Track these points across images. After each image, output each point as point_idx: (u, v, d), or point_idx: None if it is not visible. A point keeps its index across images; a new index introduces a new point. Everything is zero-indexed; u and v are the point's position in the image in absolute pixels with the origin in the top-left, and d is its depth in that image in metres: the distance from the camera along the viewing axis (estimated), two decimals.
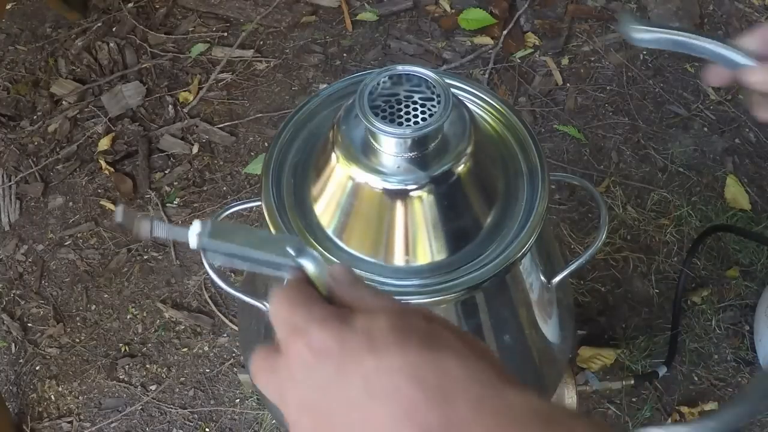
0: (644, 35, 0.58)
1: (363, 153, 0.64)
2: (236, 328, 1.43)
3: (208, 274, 1.11)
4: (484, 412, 0.32)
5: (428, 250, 0.66)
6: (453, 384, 0.33)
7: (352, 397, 0.34)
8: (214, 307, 1.47)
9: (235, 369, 1.40)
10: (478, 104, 0.75)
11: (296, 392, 0.36)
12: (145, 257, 1.54)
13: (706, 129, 1.66)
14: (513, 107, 0.74)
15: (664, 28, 0.58)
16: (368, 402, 0.33)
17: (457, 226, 0.66)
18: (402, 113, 0.64)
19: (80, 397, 1.40)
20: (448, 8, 1.86)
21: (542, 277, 0.77)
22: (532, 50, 1.78)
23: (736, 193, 1.55)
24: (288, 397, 0.37)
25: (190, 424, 1.36)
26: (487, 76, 1.74)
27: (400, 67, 0.64)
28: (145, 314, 1.48)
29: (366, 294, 0.39)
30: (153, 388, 1.40)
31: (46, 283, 1.53)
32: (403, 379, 0.33)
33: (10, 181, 1.65)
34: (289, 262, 0.38)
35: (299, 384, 0.36)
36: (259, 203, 0.70)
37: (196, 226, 0.39)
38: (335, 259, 0.65)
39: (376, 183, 0.63)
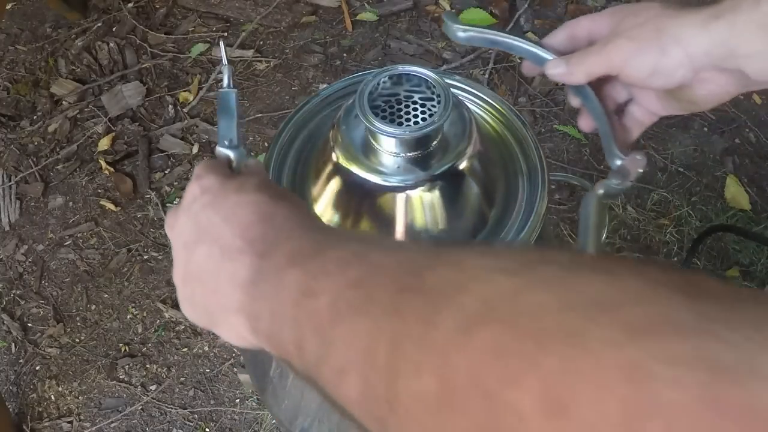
0: (463, 34, 0.65)
1: (363, 153, 0.63)
2: None
3: None
4: (288, 227, 0.44)
5: None
6: (280, 214, 0.45)
7: (213, 221, 0.46)
8: None
9: (235, 369, 1.40)
10: (479, 104, 0.74)
11: (181, 217, 0.49)
12: (145, 257, 1.54)
13: (706, 129, 1.66)
14: (513, 107, 0.74)
15: (481, 29, 0.66)
16: (222, 224, 0.45)
17: (457, 225, 0.66)
18: (402, 113, 0.64)
19: (80, 397, 1.40)
20: (448, 8, 1.86)
21: None
22: None
23: (736, 193, 1.55)
24: (176, 225, 0.49)
25: (190, 424, 1.36)
26: (487, 76, 1.74)
27: (400, 67, 0.64)
28: (145, 314, 1.48)
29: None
30: (153, 388, 1.40)
31: (46, 283, 1.53)
32: (249, 210, 0.45)
33: (10, 181, 1.65)
34: (223, 149, 0.54)
35: (185, 211, 0.48)
36: None
37: (224, 83, 0.57)
38: None
39: (376, 183, 0.63)
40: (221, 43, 0.58)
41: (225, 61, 0.57)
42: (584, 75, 0.61)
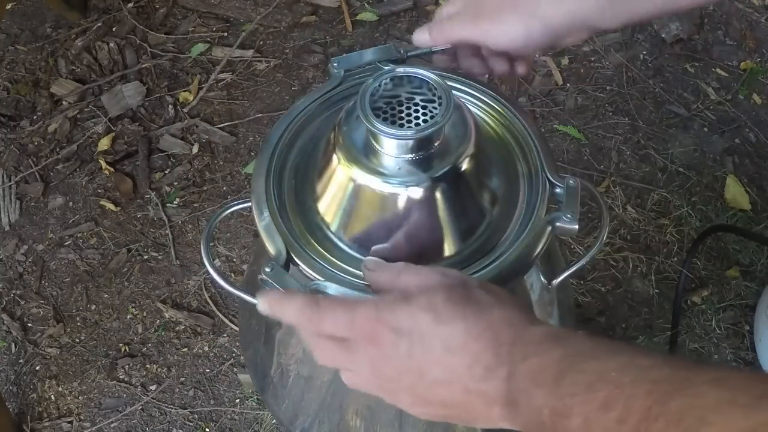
0: None
1: (364, 154, 0.63)
2: (236, 328, 1.43)
3: (208, 274, 1.12)
4: (518, 344, 0.48)
5: (429, 252, 0.66)
6: (498, 332, 0.49)
7: (435, 355, 0.49)
8: (214, 307, 1.47)
9: (235, 369, 1.40)
10: (480, 106, 0.75)
11: (391, 363, 0.51)
12: (145, 257, 1.54)
13: (706, 129, 1.66)
14: (519, 107, 0.74)
15: None
16: (448, 357, 0.49)
17: (457, 227, 0.66)
18: (403, 115, 0.64)
19: (80, 397, 1.40)
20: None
21: (542, 278, 0.77)
22: None
23: (736, 193, 1.55)
24: (385, 371, 0.52)
25: (190, 424, 1.36)
26: (487, 76, 1.74)
27: (401, 69, 0.64)
28: (145, 314, 1.48)
29: (405, 276, 0.55)
30: (153, 388, 1.40)
31: (46, 283, 1.53)
32: (469, 339, 0.49)
33: (10, 181, 1.65)
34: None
35: (392, 357, 0.51)
36: None
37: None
38: (336, 260, 0.65)
39: (377, 184, 0.63)
40: None
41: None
42: (444, 40, 0.73)
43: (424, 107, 0.64)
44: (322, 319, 0.54)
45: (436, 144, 0.63)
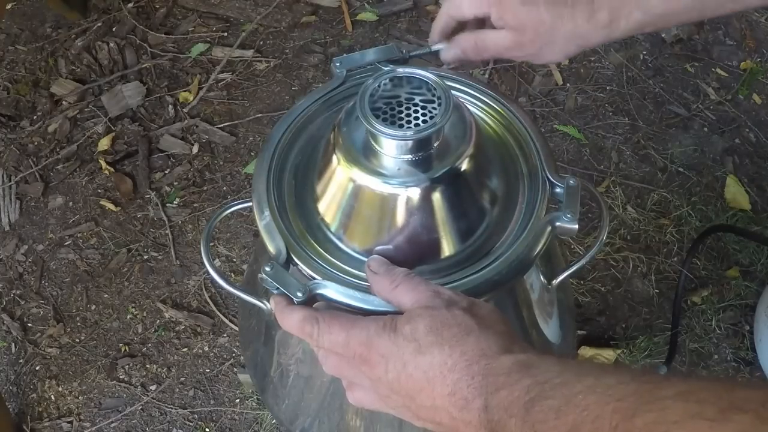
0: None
1: (364, 155, 0.64)
2: (236, 328, 1.43)
3: (208, 274, 1.12)
4: (489, 376, 0.50)
5: (429, 252, 0.66)
6: (471, 363, 0.51)
7: (419, 383, 0.52)
8: (214, 307, 1.47)
9: (235, 369, 1.40)
10: (479, 106, 0.75)
11: (383, 384, 0.55)
12: (145, 257, 1.54)
13: (706, 129, 1.66)
14: (519, 107, 0.74)
15: None
16: (429, 385, 0.52)
17: (457, 227, 0.66)
18: (403, 115, 0.64)
19: (80, 397, 1.40)
20: None
21: (543, 279, 0.77)
22: None
23: (736, 193, 1.55)
24: (380, 390, 0.56)
25: (190, 424, 1.36)
26: (487, 76, 1.74)
27: (400, 69, 0.64)
28: (145, 314, 1.48)
29: (400, 292, 0.57)
30: (153, 388, 1.40)
31: (46, 283, 1.53)
32: (445, 369, 0.51)
33: (10, 181, 1.65)
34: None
35: (381, 380, 0.55)
36: None
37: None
38: (335, 260, 0.65)
39: (377, 185, 0.63)
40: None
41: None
42: (484, 58, 0.77)
43: (423, 108, 0.64)
44: (320, 336, 0.57)
45: (435, 144, 0.63)
